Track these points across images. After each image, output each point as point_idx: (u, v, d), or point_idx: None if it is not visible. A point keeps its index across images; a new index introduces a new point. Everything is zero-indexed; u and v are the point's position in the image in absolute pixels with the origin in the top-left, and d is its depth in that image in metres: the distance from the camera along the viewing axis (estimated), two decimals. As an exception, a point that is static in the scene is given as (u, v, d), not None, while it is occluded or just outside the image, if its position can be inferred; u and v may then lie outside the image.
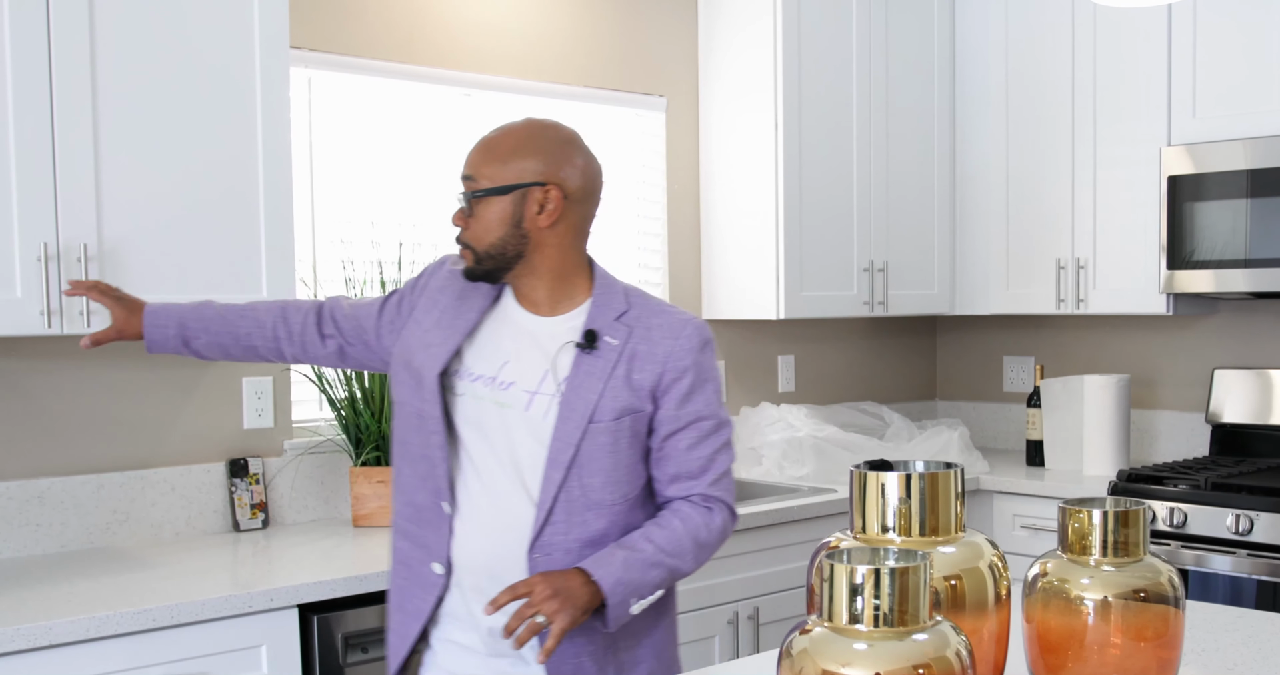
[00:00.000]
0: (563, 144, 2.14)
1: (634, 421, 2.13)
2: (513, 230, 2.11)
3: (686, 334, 2.16)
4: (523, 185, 2.10)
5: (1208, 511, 3.51)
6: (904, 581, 1.26)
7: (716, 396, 2.20)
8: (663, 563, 2.10)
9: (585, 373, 2.12)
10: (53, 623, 2.33)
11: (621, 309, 2.17)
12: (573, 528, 2.11)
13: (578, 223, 2.16)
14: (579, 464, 2.10)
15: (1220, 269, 3.77)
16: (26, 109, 2.60)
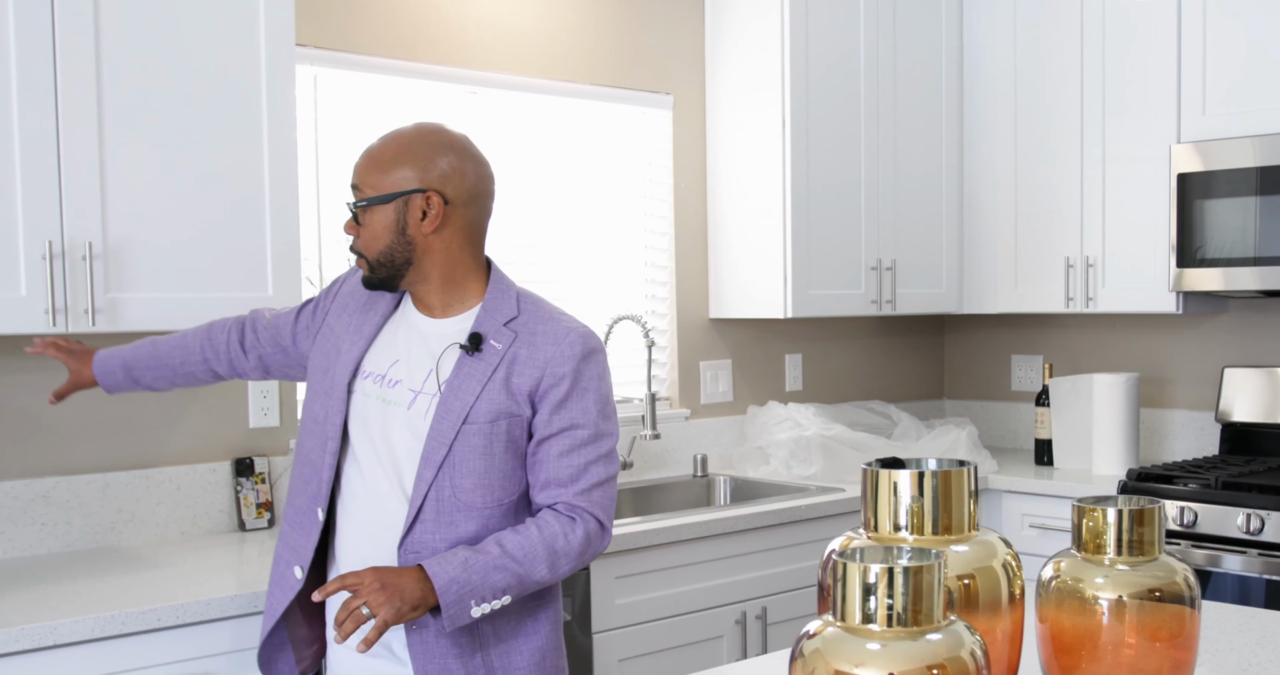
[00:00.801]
0: (443, 149, 2.19)
1: (510, 425, 2.17)
2: (398, 238, 2.17)
3: (569, 342, 2.19)
4: (403, 193, 2.16)
5: (1218, 511, 3.49)
6: (918, 581, 1.24)
7: (598, 407, 2.21)
8: (508, 568, 2.10)
9: (466, 374, 2.17)
10: (57, 623, 2.31)
11: (511, 314, 2.22)
12: (441, 528, 2.15)
13: (465, 226, 2.22)
14: (451, 464, 2.15)
15: (1230, 267, 3.75)
16: (31, 106, 2.59)
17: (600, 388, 2.22)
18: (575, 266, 4.04)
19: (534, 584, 2.15)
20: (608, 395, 2.24)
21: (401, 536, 2.16)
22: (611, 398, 2.26)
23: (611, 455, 2.23)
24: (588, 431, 2.19)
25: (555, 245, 3.99)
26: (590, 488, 2.19)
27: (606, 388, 2.24)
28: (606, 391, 2.24)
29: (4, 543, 2.90)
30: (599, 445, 2.21)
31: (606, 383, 2.24)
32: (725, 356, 4.38)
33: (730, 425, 4.33)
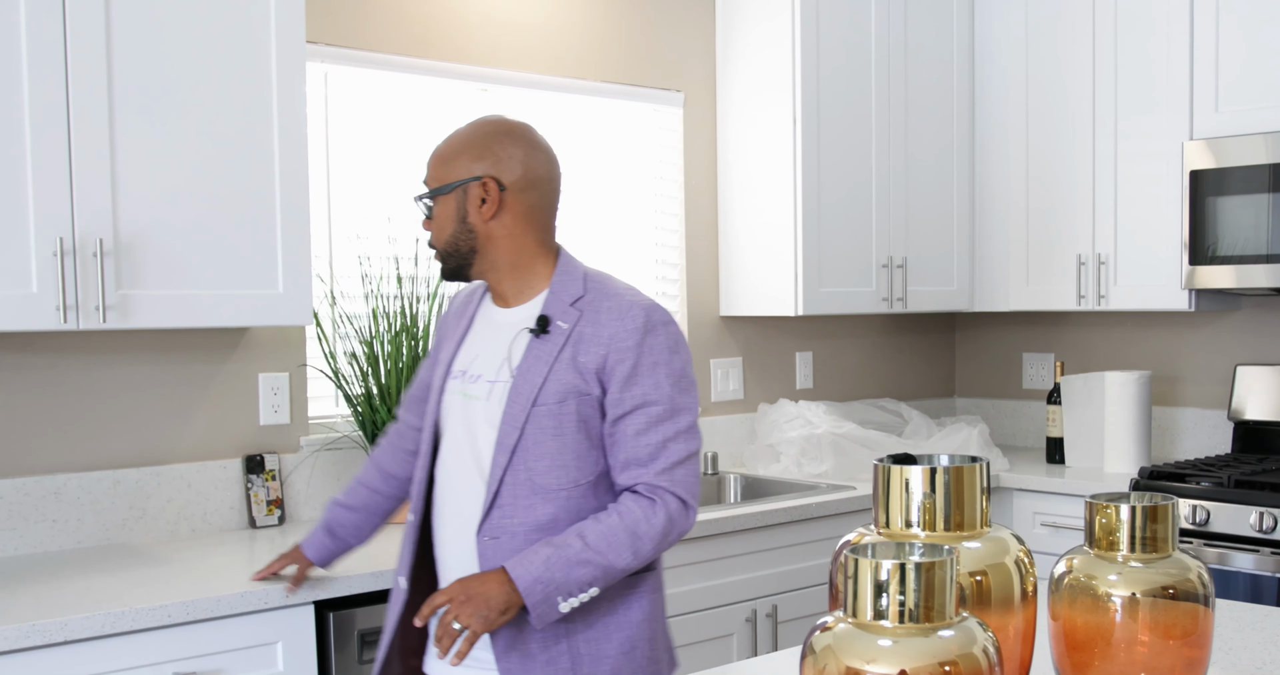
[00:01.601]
0: (498, 137, 2.23)
1: (580, 405, 2.15)
2: (460, 226, 2.22)
3: (631, 315, 2.17)
4: (461, 182, 2.20)
5: (1231, 509, 3.48)
6: (930, 577, 1.24)
7: (671, 381, 2.16)
8: (591, 560, 2.08)
9: (534, 357, 2.17)
10: (68, 619, 2.32)
11: (577, 294, 2.22)
12: (518, 511, 2.15)
13: (525, 212, 2.23)
14: (524, 448, 2.15)
15: (1242, 264, 3.74)
16: (42, 103, 2.59)
17: (672, 361, 2.17)
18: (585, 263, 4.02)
19: (619, 572, 2.11)
20: (681, 369, 2.19)
21: (479, 522, 2.17)
22: (687, 371, 2.20)
23: (691, 431, 2.18)
24: (662, 407, 2.15)
25: (566, 241, 3.97)
26: (671, 466, 2.14)
27: (680, 361, 2.19)
28: (680, 365, 2.19)
29: (15, 539, 2.90)
30: (676, 421, 2.16)
31: (680, 356, 2.19)
32: (736, 354, 4.37)
33: (741, 423, 4.33)
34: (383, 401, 3.27)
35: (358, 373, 3.29)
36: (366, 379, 3.28)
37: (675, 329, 2.20)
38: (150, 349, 3.11)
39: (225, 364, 3.24)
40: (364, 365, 3.28)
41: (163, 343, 3.13)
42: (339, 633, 2.66)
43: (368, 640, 2.70)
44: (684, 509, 2.16)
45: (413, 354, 3.27)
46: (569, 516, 2.16)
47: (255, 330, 3.28)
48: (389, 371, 3.26)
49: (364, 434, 3.31)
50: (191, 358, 3.18)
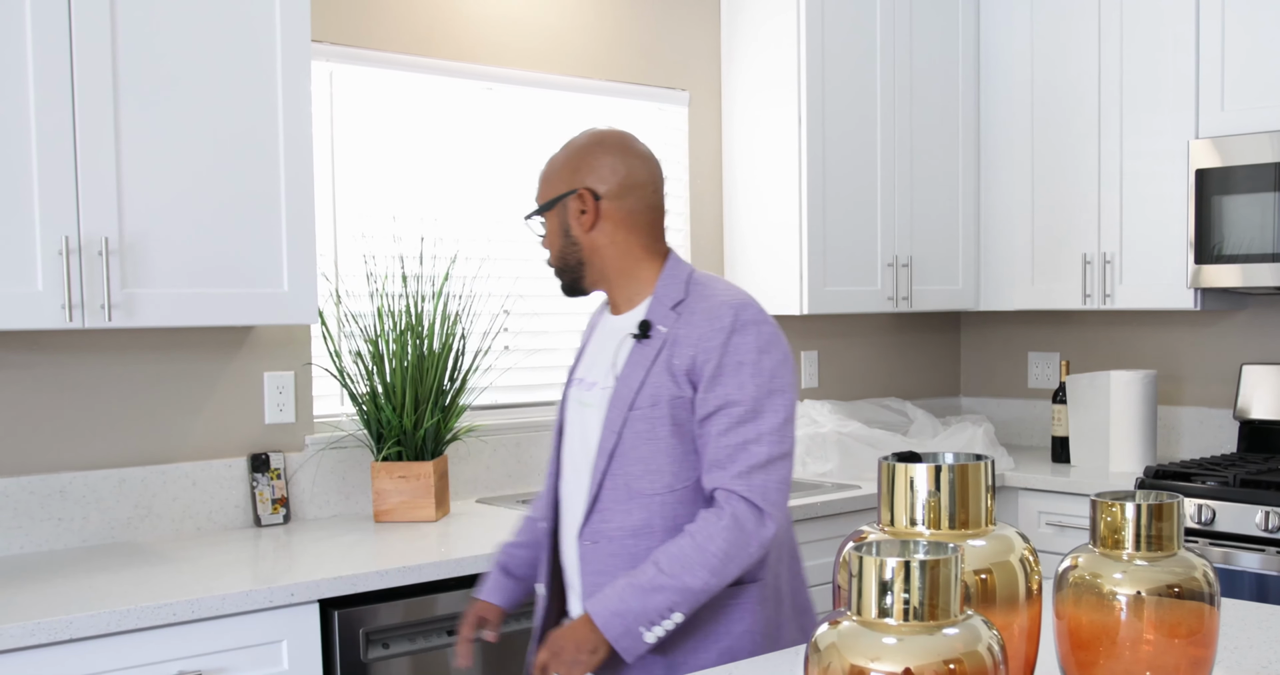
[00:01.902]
0: (590, 148, 2.26)
1: (673, 408, 2.13)
2: (565, 240, 2.26)
3: (719, 315, 2.13)
4: (560, 197, 2.24)
5: (1236, 509, 3.47)
6: (934, 575, 1.24)
7: (756, 381, 2.10)
8: (665, 586, 2.05)
9: (634, 362, 2.18)
10: (73, 617, 2.32)
11: (679, 298, 2.20)
12: (615, 516, 2.17)
13: (624, 219, 2.23)
14: (621, 452, 2.16)
15: (1248, 263, 3.73)
16: (48, 102, 2.59)
17: (760, 361, 2.11)
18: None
19: (700, 592, 2.07)
20: (772, 369, 2.12)
21: (580, 526, 2.19)
22: (779, 372, 2.13)
23: (777, 433, 2.11)
24: (744, 408, 2.10)
25: (570, 241, 3.98)
26: (749, 470, 2.08)
27: (770, 361, 2.12)
28: (770, 365, 2.12)
29: (21, 537, 2.91)
30: (758, 423, 2.10)
31: (770, 356, 2.13)
32: (741, 353, 4.36)
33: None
34: (387, 400, 3.27)
35: (363, 371, 3.29)
36: (371, 378, 3.28)
37: (768, 329, 2.15)
38: (155, 348, 3.12)
39: (230, 363, 3.24)
40: (369, 364, 3.28)
41: (168, 341, 3.14)
42: (344, 631, 2.66)
43: (373, 638, 2.70)
44: (757, 516, 2.08)
45: (417, 353, 3.28)
46: (664, 522, 2.15)
47: (260, 329, 3.28)
48: (394, 370, 3.26)
49: (368, 433, 3.31)
50: (197, 356, 3.18)
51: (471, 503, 3.59)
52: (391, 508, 3.26)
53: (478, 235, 3.73)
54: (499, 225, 3.79)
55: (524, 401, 3.87)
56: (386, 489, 3.26)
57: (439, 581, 2.82)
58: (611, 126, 2.33)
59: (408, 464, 3.25)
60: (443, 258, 3.57)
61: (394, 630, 2.74)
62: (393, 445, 3.27)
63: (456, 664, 2.45)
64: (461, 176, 3.71)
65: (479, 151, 3.75)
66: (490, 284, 3.72)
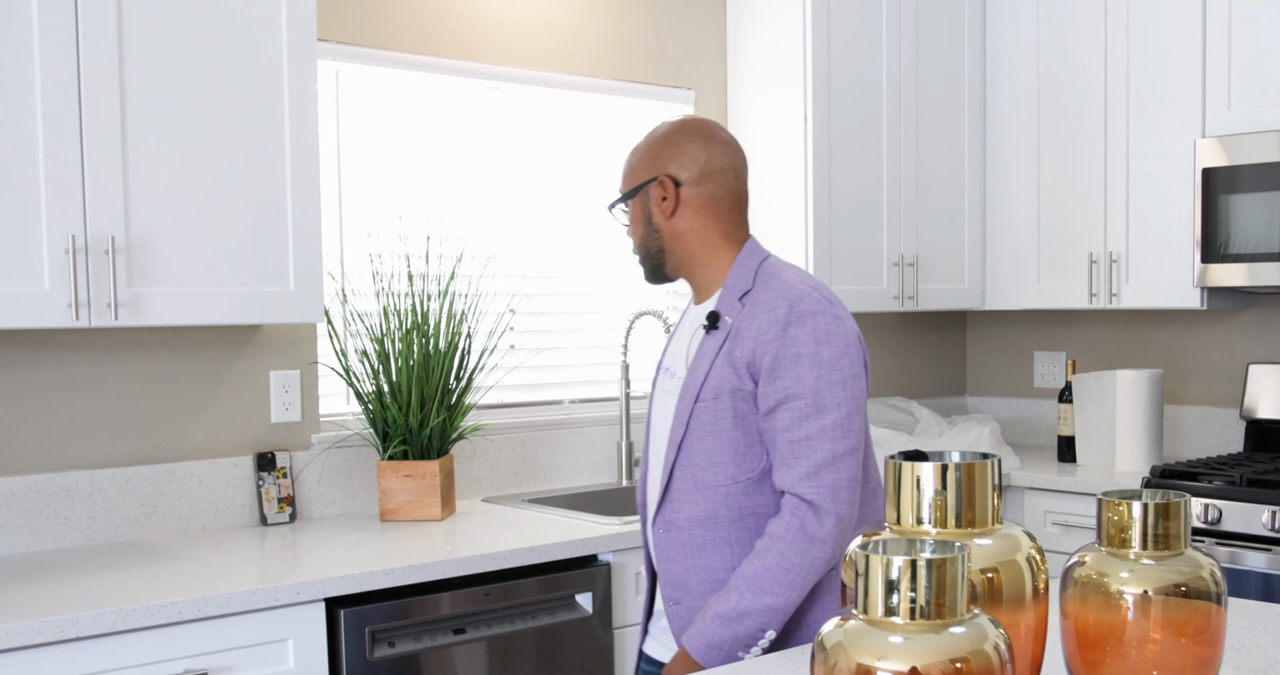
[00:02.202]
0: (671, 135, 2.27)
1: (735, 400, 2.13)
2: (647, 227, 2.28)
3: (776, 306, 2.12)
4: (641, 185, 2.27)
5: (1242, 508, 3.46)
6: (941, 573, 1.23)
7: (814, 374, 2.08)
8: (751, 610, 2.07)
9: (702, 354, 2.20)
10: (79, 615, 2.32)
11: (746, 288, 2.20)
12: (683, 506, 2.19)
13: (704, 205, 2.25)
14: (688, 442, 2.18)
15: (1255, 262, 3.72)
16: (54, 101, 2.59)
17: (818, 352, 2.08)
18: (597, 261, 4.03)
19: (787, 609, 2.08)
20: (832, 361, 2.09)
21: (654, 514, 2.24)
22: (839, 363, 2.10)
23: (841, 428, 2.07)
24: (805, 402, 2.07)
25: (577, 240, 3.98)
26: (815, 469, 2.06)
27: (829, 352, 2.09)
28: (829, 356, 2.09)
29: (27, 536, 2.91)
30: (821, 416, 2.07)
31: (829, 347, 2.09)
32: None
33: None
34: (394, 399, 3.27)
35: (369, 370, 3.29)
36: (377, 377, 3.28)
37: (825, 319, 2.11)
38: (161, 347, 3.12)
39: (237, 361, 3.24)
40: (375, 363, 3.28)
41: (174, 340, 3.14)
42: (350, 630, 2.66)
43: (378, 637, 2.70)
44: (816, 519, 2.06)
45: (423, 351, 3.28)
46: (728, 512, 2.16)
47: (266, 328, 3.29)
48: (400, 369, 3.26)
49: (374, 431, 3.32)
50: (203, 355, 3.19)
51: (477, 502, 3.59)
52: (397, 507, 3.26)
53: (483, 234, 3.73)
54: (504, 224, 3.79)
55: (530, 400, 3.87)
56: (392, 488, 3.26)
57: (445, 580, 2.82)
58: (695, 115, 2.34)
59: (413, 463, 3.25)
60: (448, 257, 3.57)
61: (400, 629, 2.74)
62: (398, 444, 3.27)
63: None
64: (467, 175, 3.71)
65: (484, 150, 3.75)
66: (496, 283, 3.72)
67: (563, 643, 3.00)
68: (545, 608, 2.98)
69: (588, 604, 3.04)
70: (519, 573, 2.95)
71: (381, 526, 3.21)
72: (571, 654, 3.02)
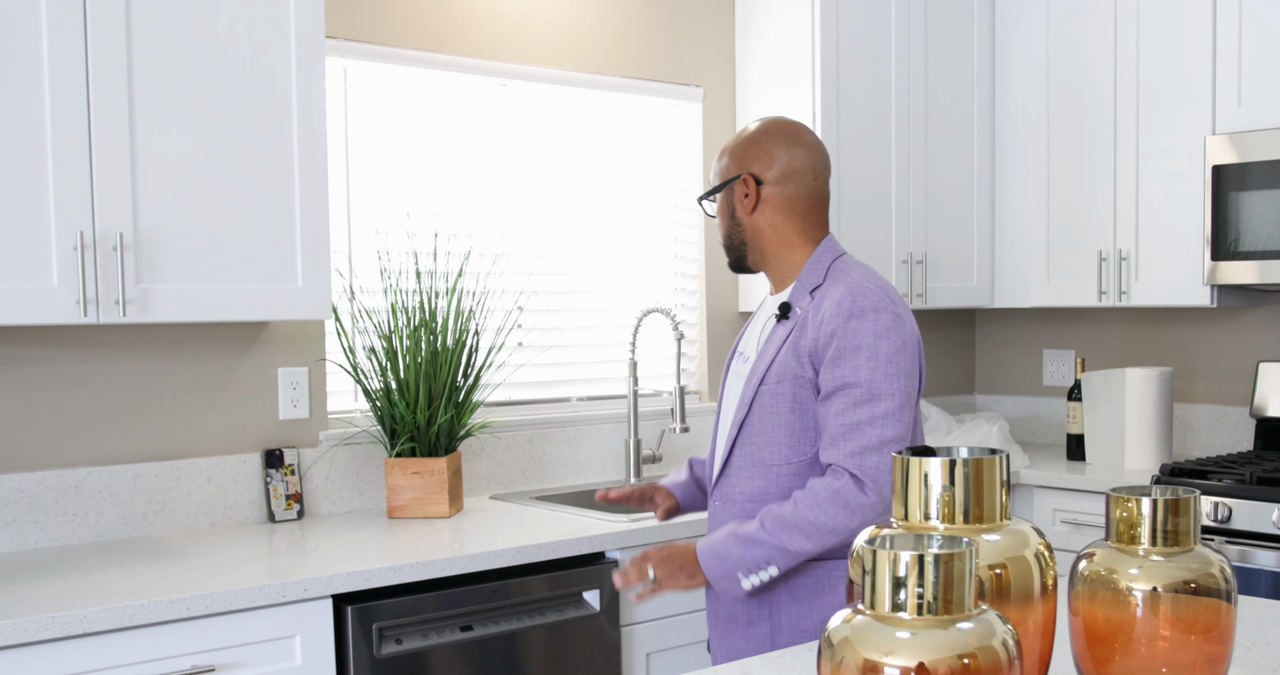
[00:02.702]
0: (756, 137, 2.42)
1: (795, 386, 2.29)
2: (731, 221, 2.45)
3: (838, 300, 2.26)
4: (727, 182, 2.43)
5: (1253, 506, 3.45)
6: (949, 569, 1.23)
7: (871, 365, 2.21)
8: (765, 542, 2.21)
9: (771, 341, 2.36)
10: (86, 611, 2.32)
11: (817, 283, 2.36)
12: (740, 481, 2.36)
13: (783, 203, 2.40)
14: (750, 423, 2.35)
15: (1265, 260, 3.71)
16: (63, 97, 2.60)
17: (876, 345, 2.21)
18: (605, 259, 4.03)
19: (796, 554, 2.21)
20: (888, 354, 2.22)
21: (712, 487, 2.44)
22: (896, 358, 2.23)
23: (892, 417, 2.20)
24: (861, 390, 2.21)
25: (585, 237, 3.98)
26: (862, 451, 2.19)
27: (887, 346, 2.22)
28: (887, 350, 2.22)
29: (35, 532, 2.92)
30: (874, 405, 2.20)
31: (888, 341, 2.22)
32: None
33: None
34: (401, 396, 3.27)
35: (376, 367, 3.29)
36: (385, 374, 3.28)
37: (886, 316, 2.24)
38: (170, 343, 3.12)
39: (245, 358, 3.24)
40: (383, 360, 3.28)
41: (182, 337, 3.14)
42: (357, 626, 2.66)
43: (385, 634, 2.70)
44: (862, 494, 2.18)
45: (431, 348, 3.28)
46: (779, 492, 2.31)
47: (274, 325, 3.29)
48: (408, 366, 3.26)
49: (382, 429, 3.31)
50: (211, 352, 3.19)
51: (485, 499, 3.59)
52: (405, 504, 3.26)
53: (491, 232, 3.73)
54: (513, 221, 3.79)
55: (538, 398, 3.87)
56: (400, 485, 3.26)
57: (452, 577, 2.82)
58: (783, 116, 2.49)
59: (421, 460, 3.25)
60: (456, 254, 3.57)
61: (407, 626, 2.74)
62: (406, 441, 3.27)
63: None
64: (475, 173, 3.71)
65: (493, 148, 3.75)
66: (504, 280, 3.72)
67: (570, 640, 3.00)
68: (553, 605, 2.98)
69: (595, 601, 3.04)
70: (527, 570, 2.95)
71: (389, 523, 3.21)
72: (579, 651, 3.01)
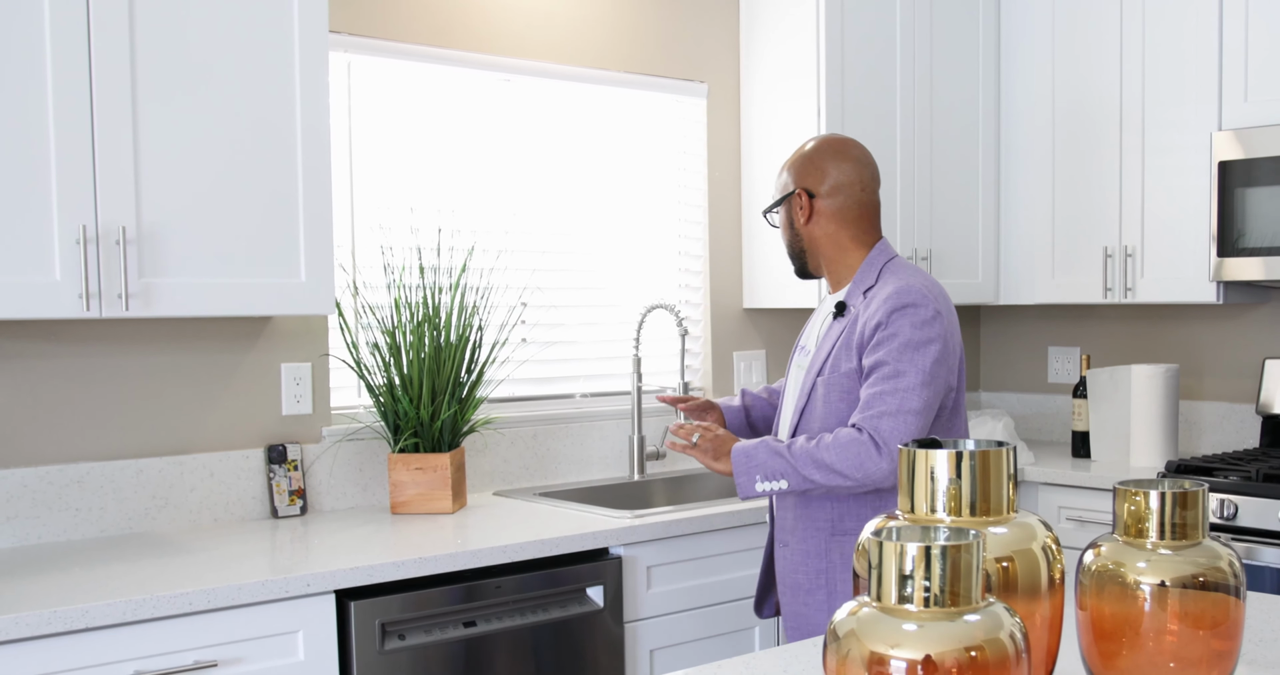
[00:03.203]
0: (811, 153, 2.69)
1: (846, 378, 2.56)
2: (792, 232, 2.73)
3: (885, 297, 2.52)
4: (785, 196, 2.72)
5: (1259, 503, 3.44)
6: (955, 560, 1.22)
7: (899, 347, 2.48)
8: (786, 458, 2.51)
9: (827, 336, 2.63)
10: (89, 606, 2.31)
11: (870, 284, 2.62)
12: None
13: (835, 214, 2.67)
14: (807, 411, 2.61)
15: (1271, 256, 3.69)
16: (66, 91, 2.59)
17: (911, 334, 2.48)
18: (609, 254, 4.02)
19: (807, 481, 2.49)
20: (919, 342, 2.48)
21: None
22: (925, 348, 2.48)
23: (911, 392, 2.46)
24: (889, 367, 2.48)
25: (589, 233, 3.97)
26: (880, 415, 2.45)
27: (921, 336, 2.49)
28: (920, 339, 2.49)
29: (38, 527, 2.91)
30: (896, 380, 2.47)
31: (923, 332, 2.49)
32: (759, 346, 4.35)
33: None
34: (405, 392, 3.26)
35: (380, 363, 3.28)
36: (389, 369, 3.27)
37: (926, 312, 2.50)
38: (173, 338, 3.11)
39: (248, 354, 3.24)
40: (386, 356, 3.27)
41: (185, 332, 3.13)
42: (360, 622, 2.65)
43: (389, 630, 2.69)
44: (875, 452, 2.45)
45: (434, 344, 3.27)
46: None
47: (278, 320, 3.28)
48: (411, 362, 3.25)
49: (385, 424, 3.31)
50: (214, 347, 3.18)
51: (489, 495, 3.59)
52: (408, 499, 3.25)
53: (495, 227, 3.72)
54: (516, 217, 3.78)
55: (542, 394, 3.86)
56: (403, 481, 3.25)
57: (455, 573, 2.81)
58: (835, 133, 2.84)
59: (424, 456, 3.24)
60: (460, 249, 3.56)
61: (410, 621, 2.73)
62: (409, 437, 3.26)
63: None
64: (479, 168, 3.70)
65: (497, 143, 3.74)
66: (508, 276, 3.71)
67: (574, 636, 2.99)
68: (556, 601, 2.97)
69: (599, 597, 3.03)
70: (530, 566, 2.94)
71: (392, 519, 3.20)
72: (582, 648, 3.01)
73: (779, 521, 2.71)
